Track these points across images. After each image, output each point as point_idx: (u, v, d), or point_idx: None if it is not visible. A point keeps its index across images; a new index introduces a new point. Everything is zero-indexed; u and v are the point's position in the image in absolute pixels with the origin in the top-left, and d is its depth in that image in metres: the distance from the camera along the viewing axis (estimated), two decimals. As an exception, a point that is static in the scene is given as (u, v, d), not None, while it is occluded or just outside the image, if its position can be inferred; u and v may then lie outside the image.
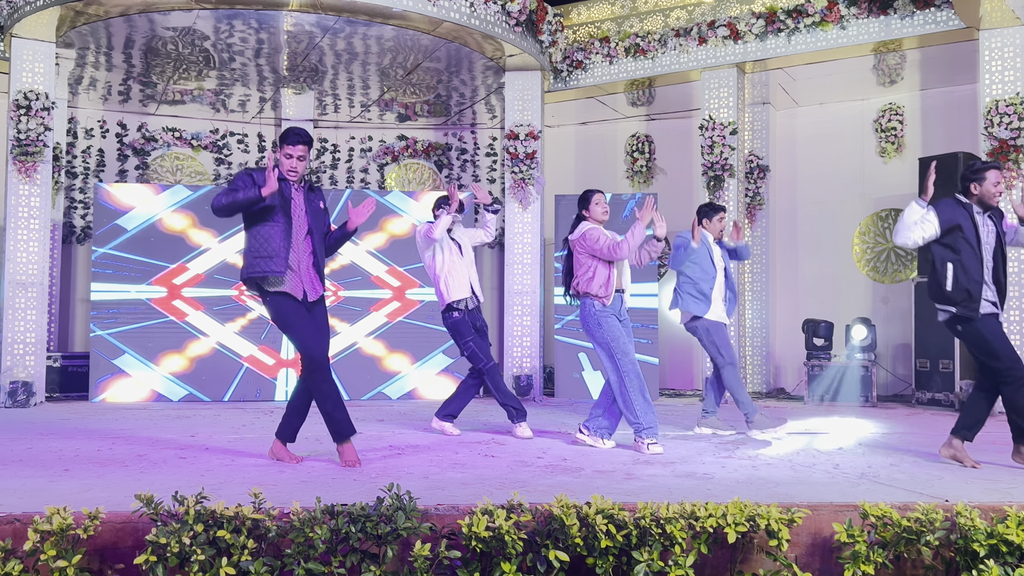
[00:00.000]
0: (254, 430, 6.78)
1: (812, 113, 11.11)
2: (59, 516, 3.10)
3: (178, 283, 9.63)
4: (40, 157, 8.74)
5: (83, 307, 10.85)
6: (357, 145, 12.27)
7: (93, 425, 7.05)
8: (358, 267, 9.91)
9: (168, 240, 9.58)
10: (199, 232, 9.66)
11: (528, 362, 9.82)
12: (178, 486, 3.69)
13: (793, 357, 10.83)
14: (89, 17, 8.49)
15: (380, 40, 9.11)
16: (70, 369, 9.73)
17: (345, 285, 9.89)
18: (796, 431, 6.83)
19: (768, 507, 3.43)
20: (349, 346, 9.82)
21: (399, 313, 9.89)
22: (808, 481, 4.52)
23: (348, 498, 3.48)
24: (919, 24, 8.76)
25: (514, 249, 9.99)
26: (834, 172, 10.80)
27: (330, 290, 9.81)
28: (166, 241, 9.58)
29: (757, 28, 9.46)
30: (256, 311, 9.48)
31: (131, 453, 5.45)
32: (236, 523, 3.16)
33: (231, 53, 9.53)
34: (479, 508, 3.31)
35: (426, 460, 5.27)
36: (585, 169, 12.01)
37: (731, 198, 9.76)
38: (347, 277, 9.86)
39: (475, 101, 11.32)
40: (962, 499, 3.77)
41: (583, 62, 10.40)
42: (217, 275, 9.63)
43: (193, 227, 9.68)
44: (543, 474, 4.75)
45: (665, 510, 3.38)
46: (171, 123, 11.68)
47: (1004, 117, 8.17)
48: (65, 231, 10.86)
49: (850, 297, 10.54)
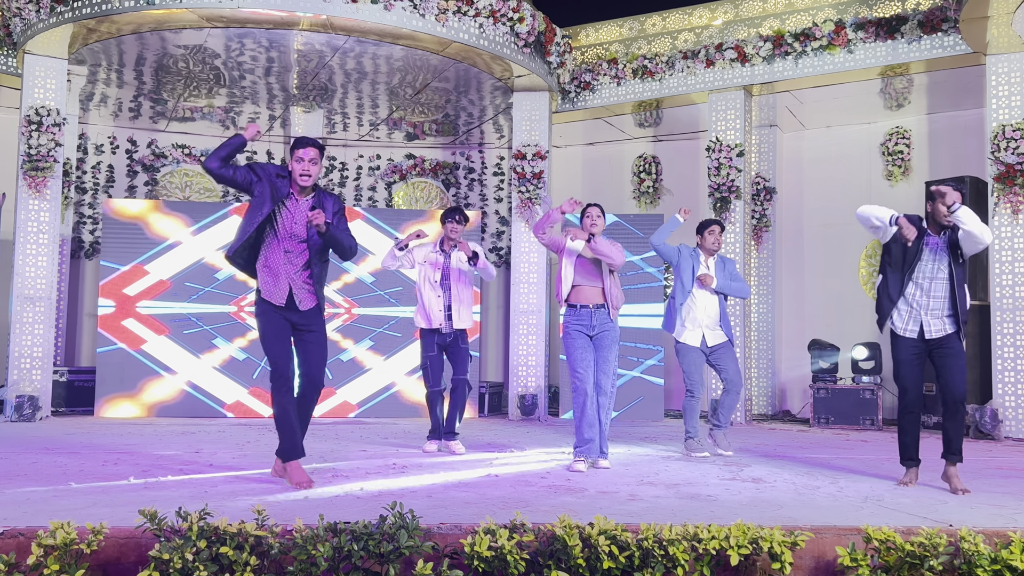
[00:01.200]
0: (259, 446, 6.78)
1: (819, 136, 11.14)
2: (63, 531, 3.11)
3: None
4: (50, 172, 8.80)
5: (90, 322, 10.89)
6: (365, 163, 12.33)
7: (98, 440, 7.06)
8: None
9: (122, 228, 9.45)
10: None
11: (533, 381, 9.82)
12: (182, 502, 3.70)
13: (799, 379, 10.81)
14: (101, 35, 8.57)
15: (389, 60, 9.18)
16: (76, 384, 9.75)
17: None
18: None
19: (771, 530, 3.42)
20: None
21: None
22: (812, 504, 4.50)
23: (351, 516, 3.48)
24: (926, 49, 8.80)
25: (520, 268, 10.01)
26: (841, 195, 10.81)
27: (343, 306, 9.81)
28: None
29: (764, 51, 9.51)
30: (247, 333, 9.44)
31: (135, 468, 5.46)
32: (239, 540, 3.16)
33: (241, 71, 9.60)
34: (482, 527, 3.31)
35: (429, 478, 5.27)
36: (592, 189, 12.04)
37: (738, 219, 9.78)
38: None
39: (483, 121, 11.38)
40: (966, 524, 3.75)
41: (591, 83, 10.45)
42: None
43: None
44: (546, 494, 4.74)
45: (668, 531, 3.38)
46: (181, 140, 11.77)
47: (1011, 142, 8.18)
48: (74, 246, 10.92)
49: (856, 319, 10.52)
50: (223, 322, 9.58)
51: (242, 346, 9.58)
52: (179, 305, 9.50)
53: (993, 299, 8.33)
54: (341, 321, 9.84)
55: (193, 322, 9.48)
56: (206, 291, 9.55)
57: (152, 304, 9.44)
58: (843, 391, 9.33)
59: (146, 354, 9.36)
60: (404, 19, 8.30)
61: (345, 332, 9.85)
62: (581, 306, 5.99)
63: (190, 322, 9.48)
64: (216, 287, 9.58)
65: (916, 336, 5.22)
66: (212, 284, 9.58)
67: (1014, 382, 8.11)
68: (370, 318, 9.92)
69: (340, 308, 9.87)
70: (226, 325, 9.58)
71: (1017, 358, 8.12)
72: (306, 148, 4.98)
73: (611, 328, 6.04)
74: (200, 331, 9.50)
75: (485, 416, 10.20)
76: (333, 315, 9.67)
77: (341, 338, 9.76)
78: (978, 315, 8.85)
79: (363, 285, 9.97)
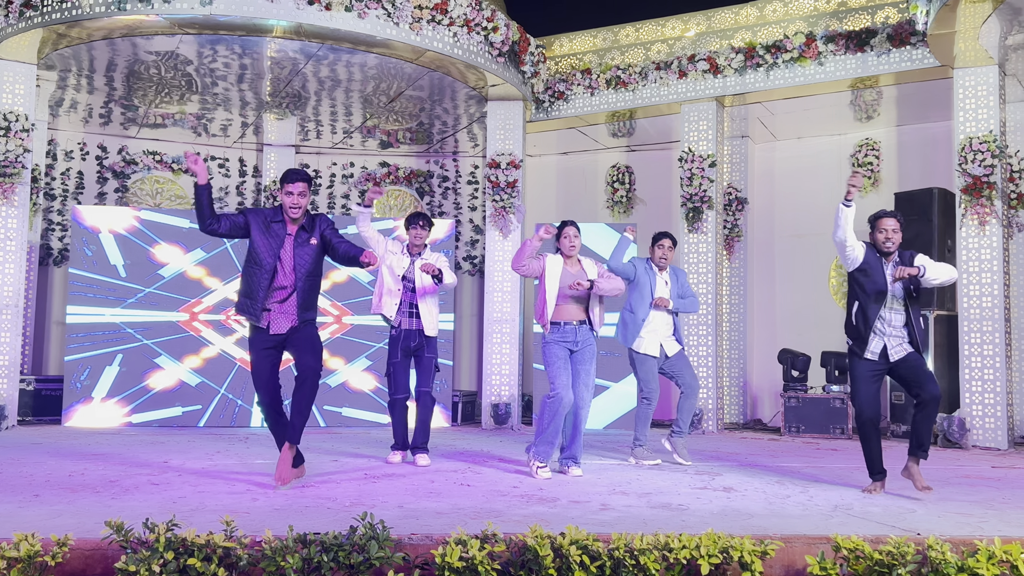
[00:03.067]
0: (228, 456, 6.72)
1: (790, 147, 11.24)
2: (27, 542, 3.07)
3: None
4: (18, 179, 8.69)
5: (58, 329, 10.75)
6: (339, 171, 12.28)
7: (65, 450, 6.97)
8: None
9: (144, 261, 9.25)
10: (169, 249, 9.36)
11: (506, 390, 9.81)
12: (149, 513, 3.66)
13: (770, 388, 10.88)
14: (72, 40, 8.49)
15: (363, 68, 9.16)
16: (43, 392, 9.61)
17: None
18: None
19: (741, 539, 3.44)
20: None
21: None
22: (781, 513, 4.53)
23: (321, 527, 3.46)
24: (895, 62, 8.92)
25: (494, 277, 10.00)
26: (811, 205, 10.91)
27: (331, 314, 9.56)
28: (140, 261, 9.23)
29: (736, 63, 9.59)
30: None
31: (103, 479, 5.40)
32: (207, 551, 3.13)
33: (214, 78, 9.54)
34: (453, 538, 3.30)
35: (401, 488, 5.25)
36: (566, 199, 12.08)
37: (710, 229, 9.85)
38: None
39: (457, 129, 11.38)
40: (934, 533, 3.79)
41: (565, 93, 10.49)
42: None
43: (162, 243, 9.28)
44: (518, 504, 4.74)
45: (639, 541, 3.38)
46: (152, 146, 11.65)
47: (978, 154, 8.30)
48: (42, 253, 10.79)
49: (827, 329, 10.60)
50: (170, 334, 9.18)
51: (195, 367, 9.18)
52: (109, 311, 9.08)
53: (961, 309, 8.44)
54: (329, 332, 9.30)
55: (129, 334, 9.04)
56: (146, 292, 9.17)
57: (78, 311, 9.06)
58: (814, 400, 9.39)
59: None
60: (378, 27, 8.29)
61: (334, 348, 9.36)
62: (564, 323, 6.01)
63: (124, 334, 9.04)
64: (160, 287, 9.26)
65: (877, 357, 5.32)
66: (156, 283, 9.20)
67: (981, 391, 8.21)
68: (364, 329, 9.44)
69: (328, 316, 9.43)
70: (175, 338, 9.17)
71: (984, 368, 8.22)
72: (295, 183, 5.26)
73: (591, 343, 6.08)
74: (139, 346, 9.09)
75: (458, 425, 10.17)
76: (320, 324, 9.40)
77: (328, 355, 9.08)
78: (946, 325, 8.96)
79: (357, 286, 9.59)
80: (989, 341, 8.24)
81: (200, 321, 9.23)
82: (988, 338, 8.25)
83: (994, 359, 8.20)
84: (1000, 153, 8.33)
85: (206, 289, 9.27)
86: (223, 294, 9.25)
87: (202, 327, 9.22)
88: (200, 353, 9.22)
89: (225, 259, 9.30)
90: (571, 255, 6.10)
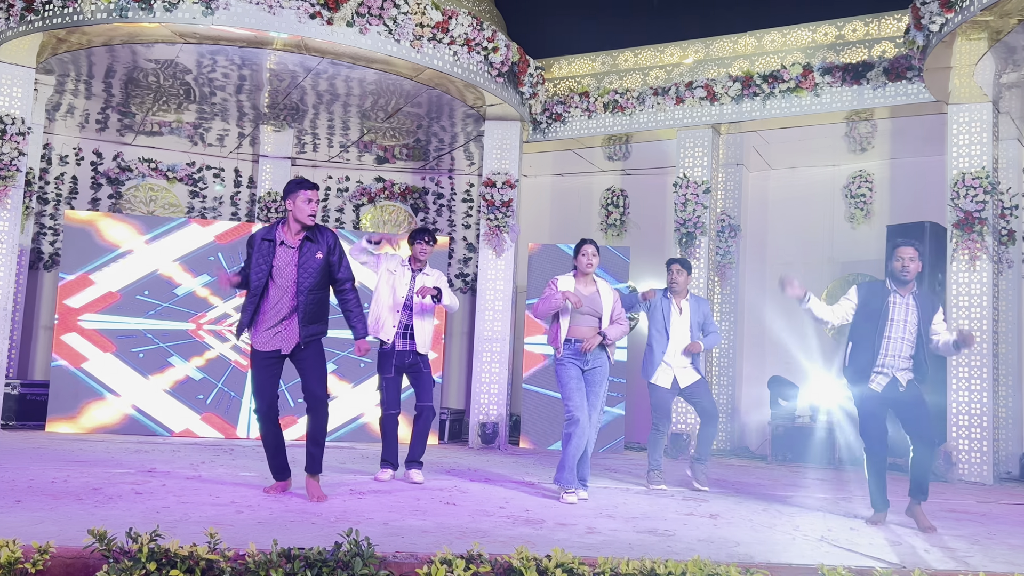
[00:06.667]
0: (213, 467, 6.68)
1: (784, 176, 11.31)
2: (7, 549, 3.04)
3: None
4: (12, 182, 8.67)
5: (46, 334, 10.70)
6: (334, 185, 12.29)
7: (49, 456, 6.91)
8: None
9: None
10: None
11: (495, 409, 9.79)
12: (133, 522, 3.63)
13: (758, 416, 10.87)
14: (71, 45, 8.49)
15: (362, 83, 9.19)
16: (29, 397, 9.55)
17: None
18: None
19: (728, 567, 3.43)
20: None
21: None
22: (768, 542, 4.52)
23: (305, 542, 3.43)
24: (891, 95, 9.00)
25: (486, 296, 10.00)
26: (803, 235, 10.97)
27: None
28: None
29: (733, 91, 9.66)
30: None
31: (86, 486, 5.35)
32: (190, 563, 3.11)
33: (212, 88, 9.56)
34: (438, 557, 3.28)
35: (387, 505, 5.22)
36: (560, 220, 12.11)
37: (702, 255, 9.88)
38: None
39: (454, 147, 11.41)
40: (919, 566, 3.79)
41: (562, 115, 10.55)
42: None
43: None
44: (505, 524, 4.71)
45: (625, 566, 3.37)
46: (147, 154, 11.65)
47: (970, 190, 8.36)
48: (33, 257, 10.75)
49: (817, 358, 10.62)
50: (180, 339, 9.43)
51: (199, 365, 9.45)
52: (132, 320, 9.35)
53: (949, 343, 8.45)
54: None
55: (148, 339, 9.33)
56: (164, 307, 9.42)
57: (97, 318, 9.28)
58: (801, 429, 9.40)
59: (87, 373, 9.18)
60: (379, 43, 8.33)
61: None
62: (576, 340, 5.98)
63: (144, 338, 9.32)
64: (175, 303, 9.46)
65: (883, 388, 5.31)
66: (171, 300, 9.46)
67: (968, 425, 8.23)
68: (330, 340, 9.76)
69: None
70: (184, 343, 9.44)
71: (971, 402, 8.25)
72: (315, 190, 5.32)
73: (604, 364, 6.03)
74: (155, 348, 9.35)
75: (445, 443, 10.14)
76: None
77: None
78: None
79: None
80: (977, 376, 8.27)
81: (204, 330, 9.62)
82: (976, 372, 8.27)
83: (981, 394, 8.23)
84: (992, 189, 8.39)
85: (210, 306, 9.65)
86: (223, 310, 9.64)
87: (205, 335, 9.64)
88: (204, 355, 9.60)
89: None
90: (588, 272, 6.07)
